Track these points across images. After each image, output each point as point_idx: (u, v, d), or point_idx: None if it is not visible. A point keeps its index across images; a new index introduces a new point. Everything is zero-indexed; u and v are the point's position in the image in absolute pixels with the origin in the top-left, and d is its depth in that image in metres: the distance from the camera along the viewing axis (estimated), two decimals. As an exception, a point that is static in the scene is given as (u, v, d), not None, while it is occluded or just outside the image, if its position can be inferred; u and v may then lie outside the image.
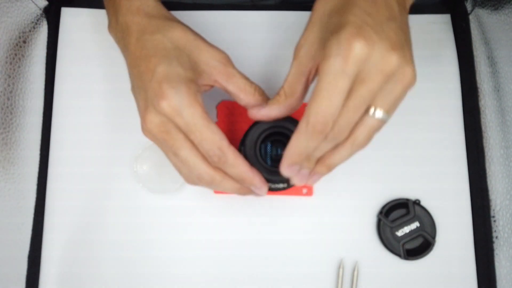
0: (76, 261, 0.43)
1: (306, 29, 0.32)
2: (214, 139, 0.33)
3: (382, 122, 0.30)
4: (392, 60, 0.27)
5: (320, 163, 0.33)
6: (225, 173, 0.34)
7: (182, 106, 0.32)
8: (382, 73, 0.28)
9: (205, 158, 0.33)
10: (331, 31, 0.29)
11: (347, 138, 0.30)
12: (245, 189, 0.36)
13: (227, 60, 0.36)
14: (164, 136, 0.33)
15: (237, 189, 0.36)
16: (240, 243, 0.44)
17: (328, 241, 0.43)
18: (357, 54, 0.27)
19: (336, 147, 0.31)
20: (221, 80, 0.36)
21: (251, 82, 0.36)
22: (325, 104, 0.28)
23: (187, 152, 0.33)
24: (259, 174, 0.35)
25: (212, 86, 0.37)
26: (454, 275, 0.43)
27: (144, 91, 0.33)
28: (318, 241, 0.43)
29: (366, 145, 0.31)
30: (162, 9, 0.37)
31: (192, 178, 0.35)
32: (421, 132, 0.45)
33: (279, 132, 0.39)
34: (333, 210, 0.44)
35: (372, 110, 0.29)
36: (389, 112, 0.30)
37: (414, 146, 0.45)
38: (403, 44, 0.29)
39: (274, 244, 0.44)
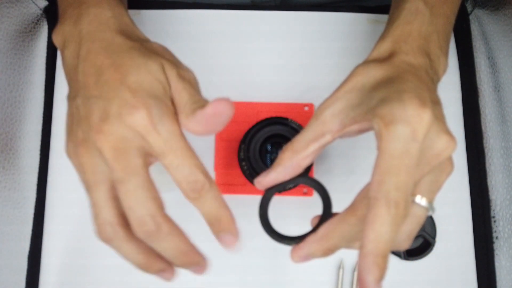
0: (75, 268, 0.43)
1: (335, 94, 0.30)
2: (198, 164, 0.28)
3: (426, 214, 0.27)
4: (443, 142, 0.26)
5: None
6: (203, 207, 0.29)
7: (161, 121, 0.27)
8: (436, 154, 0.26)
9: (157, 199, 0.27)
10: (381, 100, 0.27)
11: None
12: (188, 254, 0.30)
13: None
14: (117, 155, 0.26)
15: (179, 252, 0.29)
16: (239, 243, 0.43)
17: (328, 241, 0.43)
18: (426, 123, 0.25)
19: None
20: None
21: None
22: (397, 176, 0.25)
23: (140, 183, 0.27)
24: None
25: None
26: (454, 276, 0.43)
27: (105, 101, 0.27)
28: (318, 241, 0.43)
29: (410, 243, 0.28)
30: (136, 29, 0.33)
31: (112, 227, 0.28)
32: (421, 132, 0.45)
33: (280, 135, 0.39)
34: (333, 210, 0.44)
35: (418, 197, 0.27)
36: (430, 202, 0.27)
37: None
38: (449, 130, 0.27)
39: (273, 245, 0.44)
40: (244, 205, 0.44)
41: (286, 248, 0.44)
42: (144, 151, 0.27)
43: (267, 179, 0.31)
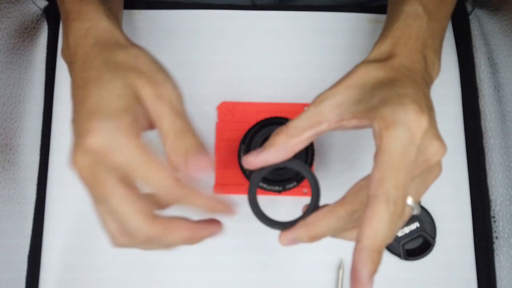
0: (76, 266, 0.43)
1: (336, 87, 0.30)
2: (163, 175, 0.27)
3: (411, 213, 0.28)
4: (435, 147, 0.27)
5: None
6: (190, 203, 0.28)
7: (116, 141, 0.26)
8: (427, 159, 0.27)
9: (141, 209, 0.27)
10: (383, 101, 0.27)
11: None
12: (197, 235, 0.30)
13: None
14: (93, 180, 0.27)
15: (186, 239, 0.29)
16: (239, 244, 0.43)
17: (328, 241, 0.43)
18: (424, 128, 0.26)
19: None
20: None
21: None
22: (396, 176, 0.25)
23: (119, 201, 0.27)
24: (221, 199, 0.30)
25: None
26: (454, 276, 0.43)
27: (76, 126, 0.28)
28: (318, 242, 0.43)
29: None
30: (115, 33, 0.32)
31: (120, 237, 0.29)
32: (421, 132, 0.45)
33: None
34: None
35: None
36: (416, 203, 0.28)
37: (414, 146, 0.45)
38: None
39: (273, 245, 0.44)
40: (244, 205, 0.44)
41: (286, 249, 0.44)
42: (113, 166, 0.27)
43: (258, 159, 0.30)
